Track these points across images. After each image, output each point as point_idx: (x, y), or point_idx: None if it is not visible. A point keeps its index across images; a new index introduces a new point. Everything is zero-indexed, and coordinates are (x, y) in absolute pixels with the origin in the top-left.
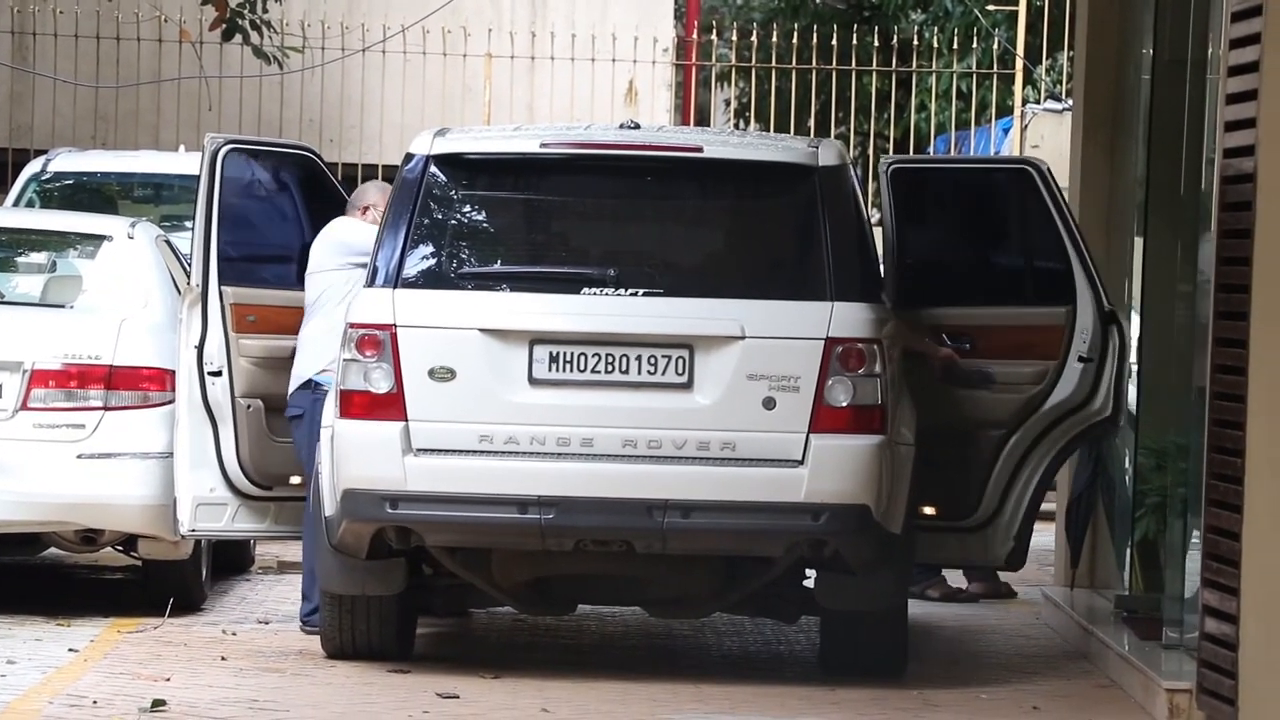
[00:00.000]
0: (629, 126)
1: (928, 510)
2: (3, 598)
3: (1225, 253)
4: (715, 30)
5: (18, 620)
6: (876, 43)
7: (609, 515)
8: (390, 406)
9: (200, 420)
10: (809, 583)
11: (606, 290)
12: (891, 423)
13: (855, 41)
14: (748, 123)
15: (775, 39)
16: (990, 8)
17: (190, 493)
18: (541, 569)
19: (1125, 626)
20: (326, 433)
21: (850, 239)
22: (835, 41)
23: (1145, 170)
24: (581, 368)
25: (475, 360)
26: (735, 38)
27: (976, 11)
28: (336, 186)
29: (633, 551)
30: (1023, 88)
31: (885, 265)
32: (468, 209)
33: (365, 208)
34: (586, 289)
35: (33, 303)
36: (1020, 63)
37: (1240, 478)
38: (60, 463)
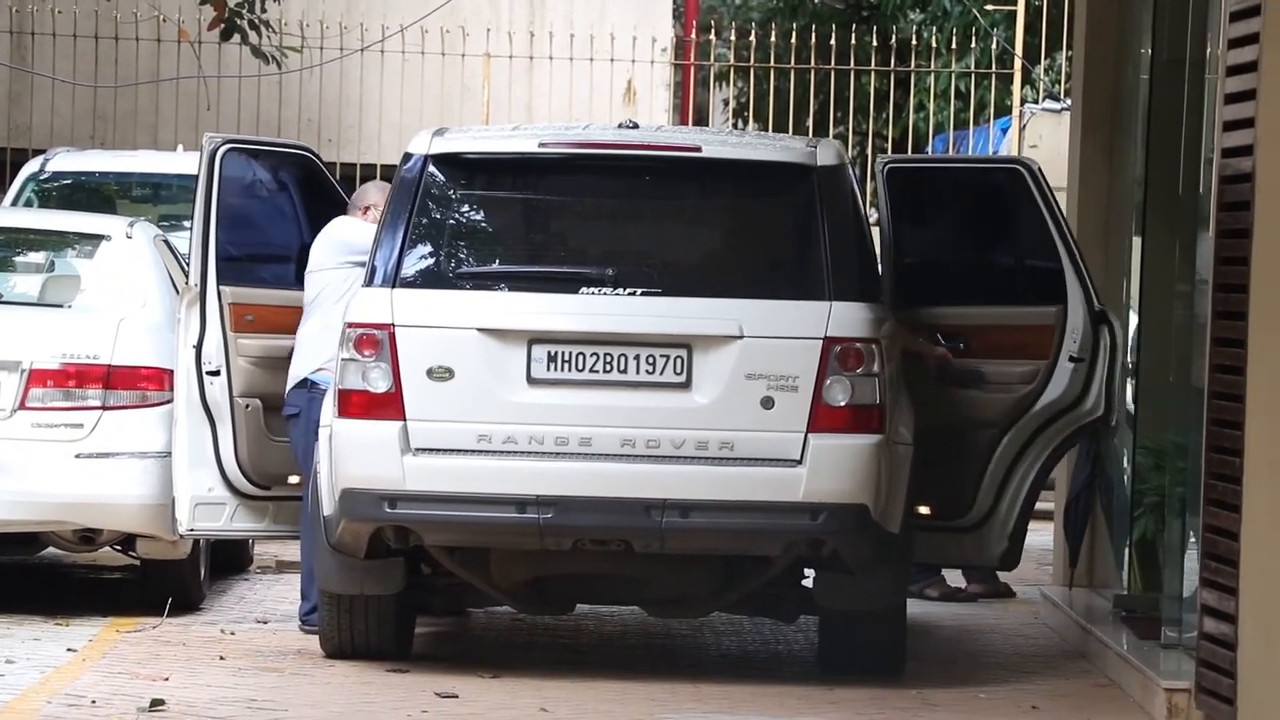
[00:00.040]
0: (627, 126)
1: (922, 510)
2: (1, 597)
3: (1224, 252)
4: (714, 30)
5: (16, 620)
6: (875, 42)
7: (607, 515)
8: (389, 406)
9: (199, 420)
10: (807, 582)
11: (605, 290)
12: (890, 422)
13: (854, 41)
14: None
15: (774, 39)
16: (989, 7)
17: (189, 492)
18: (540, 568)
19: (1124, 626)
20: (325, 432)
21: (849, 239)
22: (834, 41)
23: (1144, 170)
24: (580, 367)
25: (474, 360)
26: (734, 37)
27: (975, 11)
28: (335, 186)
29: (631, 551)
30: (1021, 87)
31: (882, 265)
32: (466, 209)
33: (366, 207)
34: (585, 289)
35: (31, 302)
36: (1019, 62)
37: (1239, 477)
38: (58, 462)
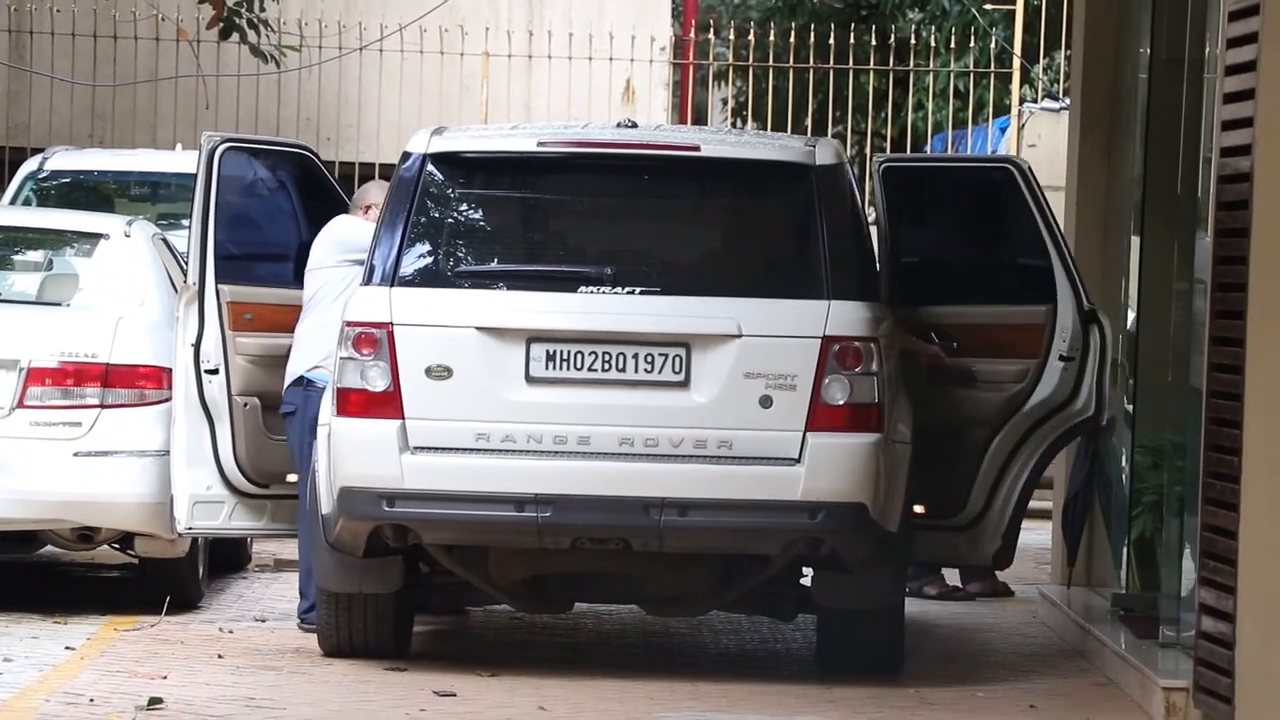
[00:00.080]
0: (626, 125)
1: (917, 509)
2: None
3: (1222, 251)
4: (712, 29)
5: (14, 618)
6: (874, 42)
7: (606, 513)
8: (387, 405)
9: (197, 418)
10: (806, 581)
11: (603, 289)
12: (888, 421)
13: (852, 40)
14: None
15: (772, 38)
16: (987, 6)
17: (187, 490)
18: (538, 567)
19: (1122, 625)
20: (323, 431)
21: (847, 238)
22: (832, 40)
23: (1142, 169)
24: (578, 366)
25: (472, 358)
26: (732, 36)
27: (974, 10)
28: (334, 185)
29: (630, 550)
30: (1020, 87)
31: (880, 263)
32: (465, 207)
33: (367, 206)
34: (583, 287)
35: (29, 301)
36: (1017, 62)
37: (1237, 476)
38: (57, 460)
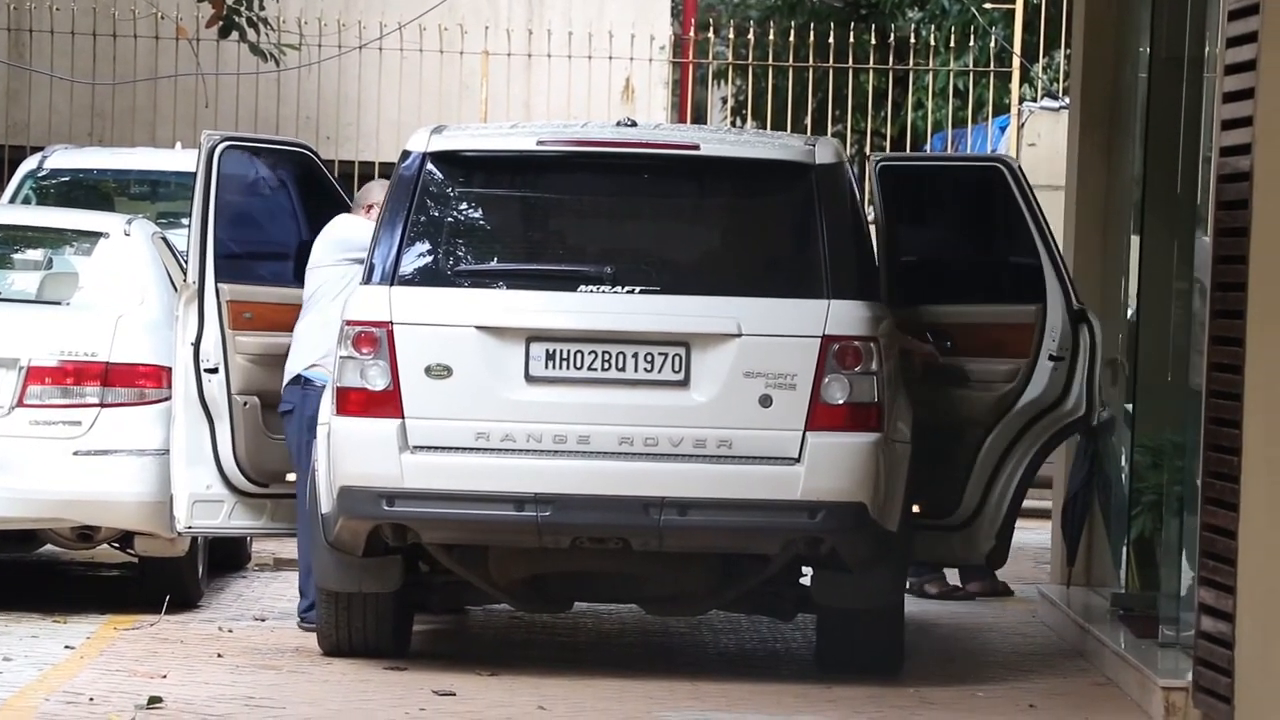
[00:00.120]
0: (626, 124)
1: (913, 508)
2: None
3: (1222, 251)
4: (712, 28)
5: (14, 617)
6: (873, 40)
7: (605, 513)
8: (387, 404)
9: (197, 417)
10: (805, 580)
11: (603, 288)
12: (888, 420)
13: (852, 39)
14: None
15: (772, 36)
16: (987, 5)
17: (186, 489)
18: (538, 566)
19: (1121, 624)
20: (323, 430)
21: (847, 237)
22: (832, 39)
23: (1142, 168)
24: (578, 365)
25: (472, 358)
26: (732, 35)
27: (973, 9)
28: (334, 184)
29: (629, 549)
30: (1019, 86)
31: (879, 262)
32: (464, 206)
33: (369, 206)
34: (583, 287)
35: (29, 299)
36: (1017, 61)
37: (1236, 476)
38: (56, 459)
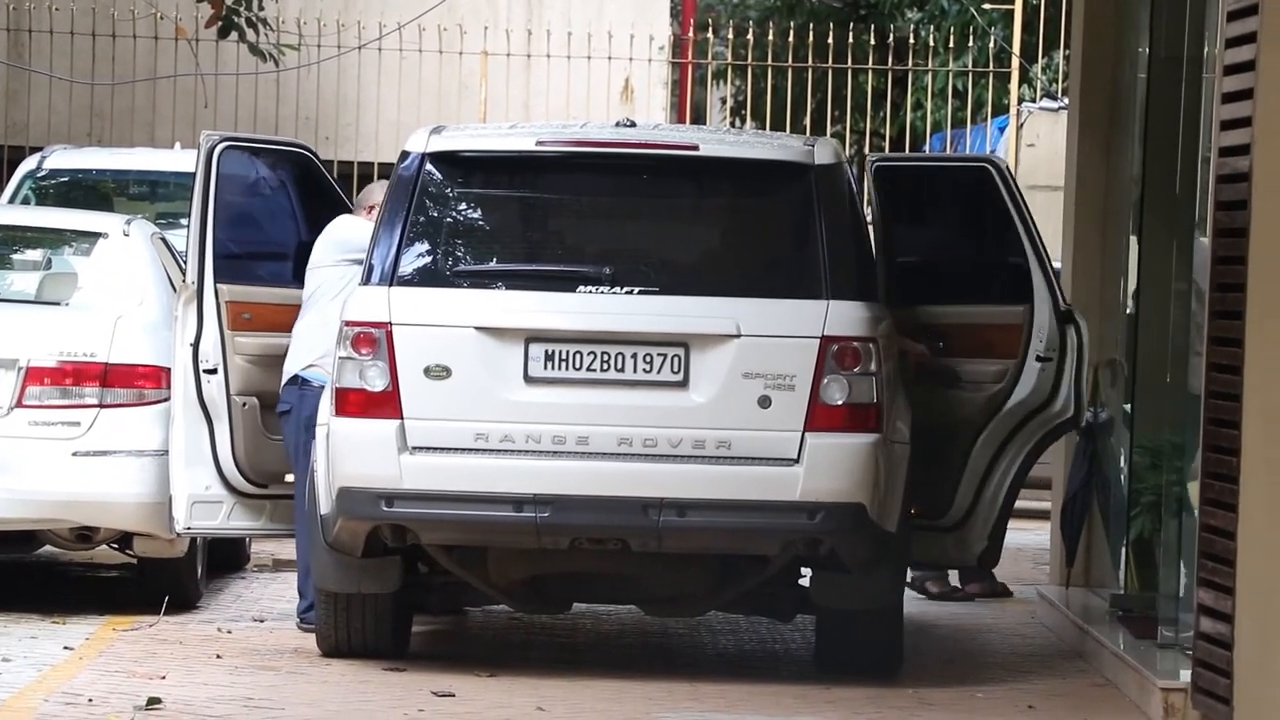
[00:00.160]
0: (625, 124)
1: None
2: None
3: (1221, 251)
4: (711, 28)
5: (13, 618)
6: (873, 41)
7: (604, 514)
8: (386, 404)
9: (195, 418)
10: (804, 581)
11: (602, 288)
12: (887, 421)
13: (851, 40)
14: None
15: (771, 37)
16: (986, 6)
17: (185, 490)
18: (537, 567)
19: (1120, 625)
20: (322, 431)
21: (846, 237)
22: (831, 40)
23: (1141, 168)
24: (577, 366)
25: (471, 358)
26: (731, 35)
27: (973, 10)
28: (333, 184)
29: (628, 550)
30: (1019, 86)
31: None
32: (463, 207)
33: (371, 207)
34: (582, 287)
35: (28, 300)
36: (1016, 61)
37: (1235, 476)
38: (55, 460)
